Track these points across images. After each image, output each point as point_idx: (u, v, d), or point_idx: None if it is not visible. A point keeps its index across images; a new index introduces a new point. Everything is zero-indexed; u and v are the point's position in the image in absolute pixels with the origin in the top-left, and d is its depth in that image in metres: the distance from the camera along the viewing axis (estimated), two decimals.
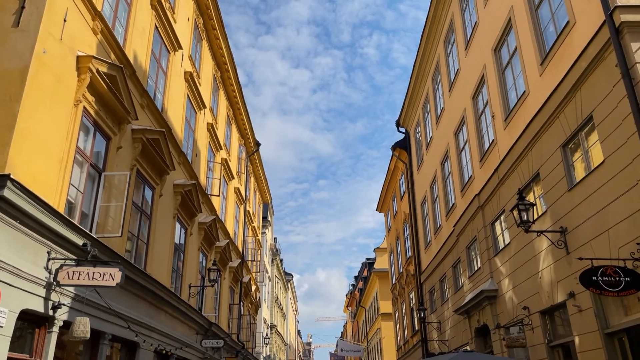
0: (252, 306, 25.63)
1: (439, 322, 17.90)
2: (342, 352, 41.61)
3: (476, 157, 13.55)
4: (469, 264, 14.21)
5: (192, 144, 14.56)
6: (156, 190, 11.11)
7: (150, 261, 10.66)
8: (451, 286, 16.26)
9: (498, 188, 11.72)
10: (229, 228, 19.73)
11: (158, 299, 10.85)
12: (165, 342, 11.29)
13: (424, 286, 20.55)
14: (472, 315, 13.59)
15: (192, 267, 14.16)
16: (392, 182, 27.15)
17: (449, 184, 16.71)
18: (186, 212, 13.30)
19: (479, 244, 13.06)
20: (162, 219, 11.52)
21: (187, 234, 13.67)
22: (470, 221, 13.75)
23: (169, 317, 11.84)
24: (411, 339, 22.92)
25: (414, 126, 22.54)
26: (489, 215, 12.50)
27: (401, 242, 25.26)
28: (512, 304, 10.94)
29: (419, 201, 21.40)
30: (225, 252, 17.80)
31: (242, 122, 22.34)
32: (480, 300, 12.48)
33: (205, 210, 15.72)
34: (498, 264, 11.86)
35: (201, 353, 15.09)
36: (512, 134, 10.89)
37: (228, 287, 19.46)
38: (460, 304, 14.48)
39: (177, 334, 12.40)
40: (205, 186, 15.85)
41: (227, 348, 18.84)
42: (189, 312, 13.12)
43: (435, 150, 18.48)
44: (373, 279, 37.93)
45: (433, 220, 19.00)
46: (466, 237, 14.28)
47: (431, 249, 19.39)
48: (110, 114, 8.74)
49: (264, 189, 29.99)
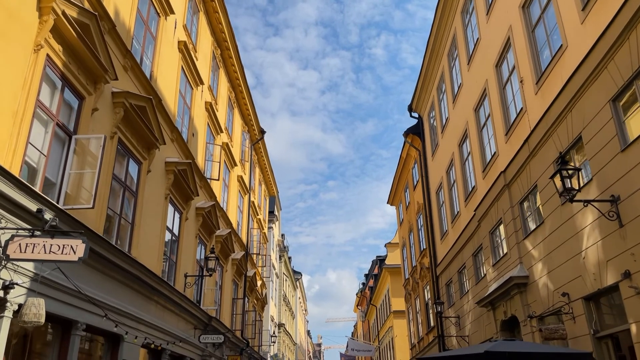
0: (258, 302, 24.42)
1: (457, 317, 16.55)
2: (352, 352, 40.22)
3: (500, 131, 12.21)
4: (492, 250, 12.87)
5: (187, 121, 13.38)
6: (143, 165, 9.91)
7: (136, 244, 9.46)
8: (471, 277, 14.91)
9: (528, 162, 10.38)
10: (232, 218, 18.54)
11: (146, 287, 9.65)
12: (155, 336, 10.08)
13: (440, 279, 19.20)
14: (497, 306, 12.25)
15: (188, 255, 12.97)
16: (404, 172, 25.81)
17: (468, 166, 15.36)
18: (180, 194, 12.10)
19: (505, 227, 11.71)
20: (151, 198, 10.33)
21: (182, 219, 12.47)
22: (494, 203, 12.41)
23: (160, 309, 10.64)
24: (426, 336, 21.57)
25: (428, 110, 21.21)
26: (516, 194, 11.16)
27: (414, 235, 23.91)
28: (547, 291, 9.59)
29: (434, 189, 20.06)
30: (226, 242, 16.60)
31: (245, 108, 21.15)
32: (507, 289, 11.14)
33: (203, 195, 14.53)
34: (529, 248, 10.52)
35: (200, 350, 13.88)
36: (546, 98, 9.56)
37: (231, 280, 18.26)
38: (482, 295, 13.14)
39: (171, 327, 11.20)
40: (204, 169, 14.67)
41: (230, 345, 17.63)
42: (185, 304, 11.92)
43: (452, 131, 17.14)
44: (384, 276, 36.57)
45: (450, 208, 17.66)
46: (489, 221, 12.94)
47: (448, 239, 18.04)
48: (83, 70, 7.55)
49: (270, 181, 28.79)
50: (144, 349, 10.03)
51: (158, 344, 10.00)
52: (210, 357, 14.65)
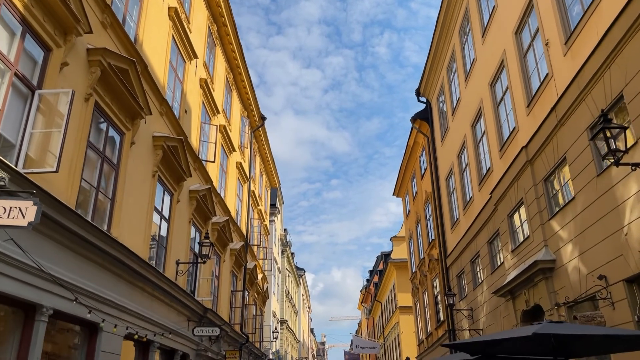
0: (259, 297, 23.43)
1: (470, 309, 15.49)
2: (357, 350, 39.18)
3: (521, 103, 11.15)
4: (511, 235, 11.80)
5: (180, 97, 12.37)
6: (126, 136, 8.90)
7: (117, 223, 8.46)
8: (486, 266, 13.85)
9: (555, 132, 9.32)
10: (230, 206, 17.53)
11: (129, 271, 8.65)
12: (140, 326, 9.08)
13: (451, 271, 18.15)
14: (517, 295, 11.19)
15: (180, 241, 11.96)
16: (411, 161, 24.75)
17: (483, 146, 14.29)
18: (171, 173, 11.10)
19: (527, 208, 10.65)
20: (135, 174, 9.33)
21: (173, 201, 11.46)
22: (514, 183, 11.34)
23: (147, 297, 9.65)
24: (435, 331, 20.52)
25: (437, 94, 20.14)
26: (541, 170, 10.09)
27: (422, 226, 22.85)
28: (578, 275, 8.53)
29: (443, 176, 19.00)
30: (224, 230, 15.59)
31: (244, 92, 20.13)
32: (530, 276, 10.08)
33: (197, 177, 13.52)
34: (556, 228, 9.46)
35: (194, 344, 12.88)
36: (577, 58, 8.49)
37: (229, 272, 17.26)
38: (500, 284, 12.09)
39: (160, 317, 10.21)
40: (198, 150, 13.65)
41: (228, 340, 16.64)
42: (176, 293, 10.92)
43: (463, 112, 16.08)
44: (390, 270, 35.51)
45: (461, 194, 16.59)
46: (507, 203, 11.88)
47: (459, 228, 16.99)
48: (50, 17, 6.54)
49: (272, 171, 27.77)
50: (128, 340, 9.04)
51: (143, 335, 8.99)
52: (205, 351, 13.65)
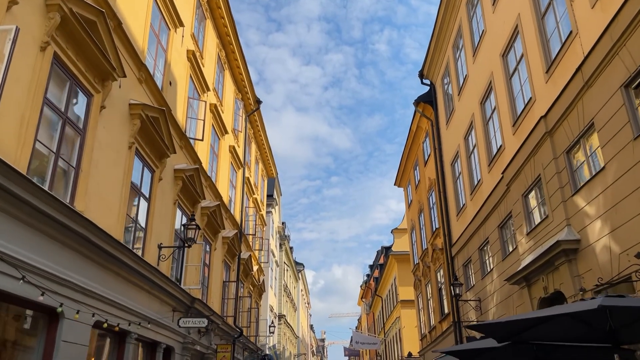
0: (255, 289, 22.41)
1: (478, 300, 14.47)
2: (357, 345, 38.22)
3: (538, 70, 10.09)
4: (526, 216, 10.77)
5: (163, 66, 11.31)
6: (94, 99, 7.84)
7: (83, 196, 7.41)
8: (497, 252, 12.82)
9: (580, 96, 8.27)
10: (222, 191, 16.49)
11: (98, 251, 7.63)
12: (112, 314, 8.05)
13: (456, 260, 17.12)
14: (533, 282, 10.16)
15: (163, 223, 10.93)
16: (413, 147, 23.68)
17: (493, 123, 13.24)
18: (151, 147, 10.05)
19: (546, 185, 9.61)
20: (107, 143, 8.28)
21: (154, 179, 10.42)
22: (530, 158, 10.30)
23: (122, 282, 8.62)
24: (439, 324, 19.50)
25: (441, 75, 19.07)
26: (562, 141, 9.04)
27: (425, 215, 21.82)
28: (609, 255, 7.50)
29: (448, 161, 17.96)
30: (214, 216, 14.56)
31: (237, 72, 19.06)
32: (550, 259, 9.05)
33: (184, 156, 12.48)
34: (580, 205, 8.42)
35: (181, 336, 11.86)
36: (608, 9, 7.43)
37: (221, 261, 16.23)
38: (513, 270, 11.06)
39: (138, 306, 9.18)
40: (185, 127, 12.61)
41: (220, 333, 15.63)
42: (158, 280, 9.90)
43: (471, 90, 15.02)
44: (391, 263, 34.48)
45: (468, 178, 15.55)
46: (522, 182, 10.84)
47: (465, 214, 15.96)
48: None
49: (268, 160, 26.71)
50: (99, 330, 8.03)
51: (115, 324, 7.96)
52: (193, 345, 12.64)
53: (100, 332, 8.42)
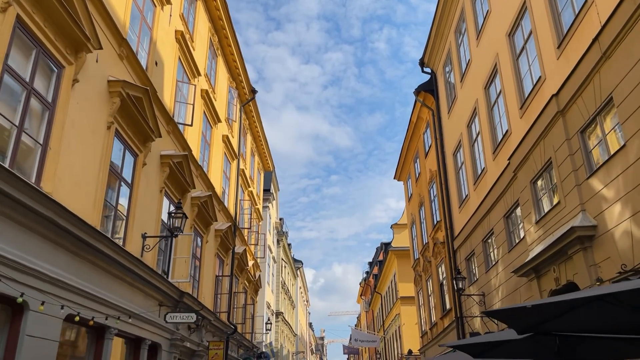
0: (250, 285, 21.74)
1: (482, 294, 13.81)
2: (356, 343, 37.53)
3: (549, 48, 9.42)
4: (535, 204, 10.10)
5: (148, 45, 10.62)
6: (66, 71, 7.15)
7: (52, 176, 6.73)
8: (503, 243, 12.16)
9: (598, 68, 7.60)
10: (215, 182, 15.81)
11: (72, 239, 6.97)
12: (87, 307, 7.38)
13: (458, 254, 16.47)
14: (544, 273, 9.50)
15: (147, 211, 10.26)
16: (414, 139, 23.00)
17: (498, 108, 12.57)
18: (134, 129, 9.36)
19: (558, 169, 8.94)
20: (82, 121, 7.59)
21: (137, 163, 9.73)
22: (540, 141, 9.63)
23: (100, 273, 7.95)
24: (441, 320, 18.85)
25: (443, 62, 18.39)
26: (576, 120, 8.37)
27: (426, 208, 21.15)
28: (630, 241, 6.83)
29: (450, 151, 17.29)
30: (206, 207, 13.88)
31: (231, 59, 18.36)
32: (563, 248, 8.38)
33: (171, 142, 11.80)
34: (596, 188, 7.75)
35: (168, 332, 11.20)
36: None
37: (214, 255, 15.56)
38: (521, 262, 10.40)
39: (118, 299, 8.51)
40: (173, 111, 11.92)
41: (212, 330, 14.97)
42: (141, 272, 9.23)
43: (475, 74, 14.35)
44: (391, 259, 33.83)
45: (472, 168, 14.89)
46: (531, 167, 10.17)
47: (468, 206, 15.30)
48: None
49: (265, 153, 26.01)
50: (72, 324, 7.36)
51: (89, 317, 7.28)
52: (182, 342, 11.97)
53: (75, 326, 7.76)
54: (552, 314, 3.14)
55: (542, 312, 3.12)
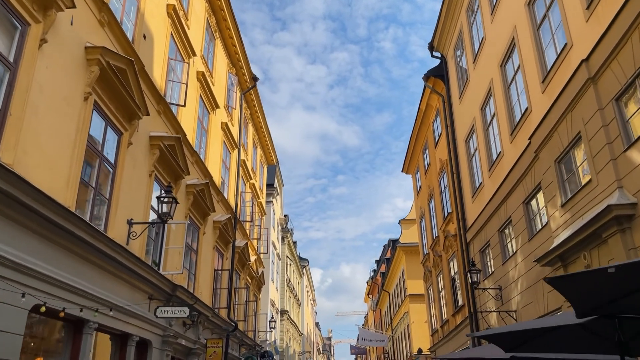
0: (253, 281, 20.87)
1: (499, 288, 12.85)
2: (363, 342, 36.59)
3: (576, 11, 8.45)
4: (561, 185, 9.14)
5: (134, 16, 9.77)
6: (31, 29, 6.30)
7: (13, 146, 5.88)
8: (522, 232, 11.20)
9: (637, 24, 6.65)
10: (213, 171, 14.96)
11: (40, 220, 6.15)
12: (59, 297, 6.54)
13: (472, 246, 15.51)
14: (572, 261, 8.54)
15: (135, 195, 9.41)
16: (422, 129, 22.04)
17: (516, 85, 11.61)
18: (117, 103, 8.51)
19: (589, 143, 7.98)
20: (52, 86, 6.74)
21: (121, 142, 8.88)
22: (566, 115, 8.68)
23: (76, 260, 7.11)
24: (452, 317, 17.89)
25: (453, 45, 17.44)
26: (610, 86, 7.42)
27: (436, 200, 20.19)
28: None
29: (462, 138, 16.35)
30: (202, 196, 13.04)
31: (230, 43, 17.50)
32: (596, 230, 7.43)
33: (163, 123, 10.95)
34: (637, 160, 6.80)
35: (160, 328, 10.35)
36: None
37: (212, 247, 14.71)
38: (544, 250, 9.46)
39: (99, 290, 7.67)
40: (164, 91, 11.08)
41: (211, 327, 14.12)
42: (126, 261, 8.39)
43: (489, 53, 13.40)
44: (399, 256, 32.85)
45: (486, 153, 13.93)
46: (555, 145, 9.22)
47: (482, 194, 14.34)
48: None
49: (267, 145, 25.14)
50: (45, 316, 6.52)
51: (59, 308, 6.43)
52: (176, 338, 11.12)
53: (49, 320, 6.93)
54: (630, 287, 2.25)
55: (626, 280, 2.23)
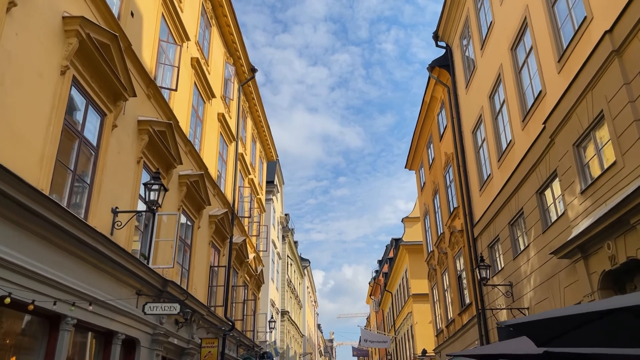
0: (252, 280, 20.20)
1: (509, 284, 12.15)
2: (366, 344, 35.88)
3: None
4: (580, 170, 8.45)
5: None
6: None
7: None
8: (535, 223, 10.51)
9: None
10: (208, 162, 14.31)
11: (6, 200, 5.48)
12: (28, 288, 5.88)
13: (479, 242, 14.82)
14: (594, 252, 7.85)
15: (120, 182, 8.75)
16: (427, 122, 21.36)
17: (529, 68, 10.94)
18: (98, 80, 7.85)
19: (613, 122, 7.30)
20: (21, 56, 6.10)
21: (104, 124, 8.22)
22: (587, 93, 8.00)
23: (49, 248, 6.46)
24: (459, 317, 17.19)
25: (459, 33, 16.78)
26: (638, 57, 6.75)
27: (441, 195, 19.50)
28: None
29: (469, 129, 15.67)
30: (197, 187, 12.39)
31: (228, 32, 16.87)
32: (623, 216, 6.75)
33: (152, 108, 10.31)
34: None
35: (149, 326, 9.69)
36: None
37: (207, 242, 14.05)
38: (562, 241, 8.77)
39: (77, 282, 7.02)
40: (154, 73, 10.44)
41: (207, 325, 13.46)
42: (110, 252, 7.74)
43: (498, 38, 12.74)
44: (402, 255, 32.13)
45: (495, 143, 13.25)
46: (574, 126, 8.53)
47: (491, 187, 13.66)
48: None
49: (267, 140, 24.48)
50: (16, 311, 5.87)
51: (29, 301, 5.76)
52: (167, 337, 10.45)
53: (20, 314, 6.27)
54: None
55: None
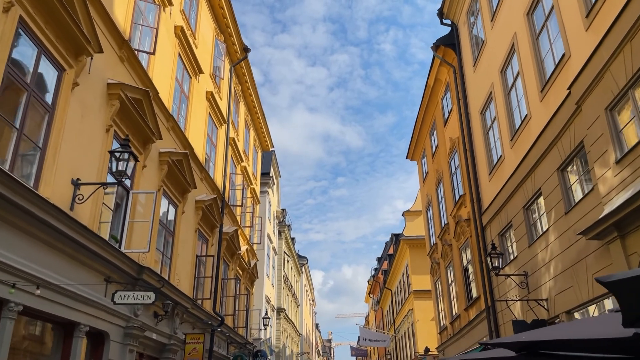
0: (244, 273, 19.05)
1: (524, 274, 11.03)
2: (365, 342, 34.72)
3: None
4: (614, 137, 7.33)
5: None
6: None
7: None
8: (557, 204, 9.37)
9: None
10: (195, 143, 13.16)
11: None
12: None
13: (488, 230, 13.70)
14: (632, 230, 6.71)
15: (84, 151, 7.60)
16: (430, 108, 20.23)
17: (548, 32, 9.81)
18: (54, 28, 6.68)
19: None
20: None
21: (63, 80, 7.06)
22: (623, 47, 6.87)
23: None
24: (465, 312, 16.05)
25: (466, 9, 15.65)
26: None
27: (445, 184, 18.38)
28: None
29: (477, 110, 14.55)
30: (180, 167, 11.26)
31: (218, 6, 15.72)
32: None
33: (126, 72, 9.15)
34: None
35: (122, 318, 8.55)
36: None
37: (194, 230, 12.90)
38: (590, 221, 7.64)
39: (20, 260, 5.87)
40: (129, 33, 9.28)
41: (192, 320, 12.32)
42: (70, 230, 6.61)
43: (511, 6, 11.61)
44: (402, 250, 30.99)
45: (507, 122, 12.13)
46: (607, 87, 7.40)
47: (502, 170, 12.54)
48: None
49: (261, 128, 23.31)
50: None
51: None
52: (143, 331, 9.30)
53: None
54: None
55: None
